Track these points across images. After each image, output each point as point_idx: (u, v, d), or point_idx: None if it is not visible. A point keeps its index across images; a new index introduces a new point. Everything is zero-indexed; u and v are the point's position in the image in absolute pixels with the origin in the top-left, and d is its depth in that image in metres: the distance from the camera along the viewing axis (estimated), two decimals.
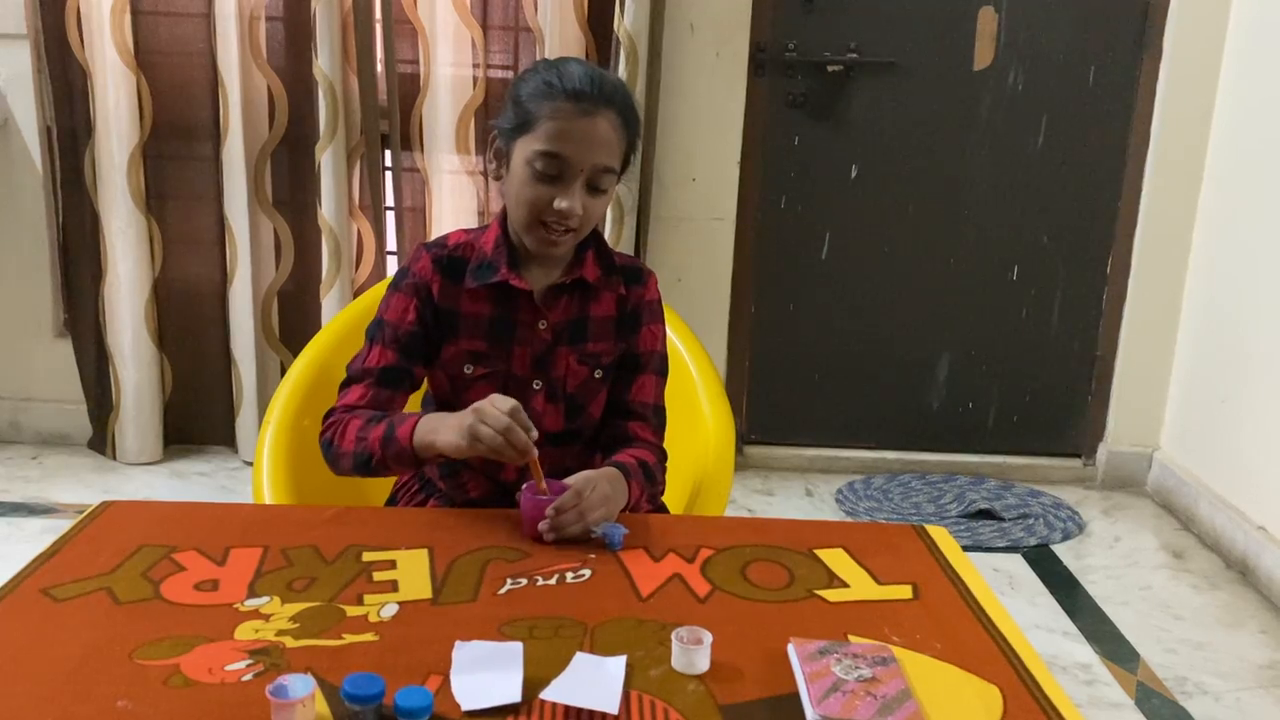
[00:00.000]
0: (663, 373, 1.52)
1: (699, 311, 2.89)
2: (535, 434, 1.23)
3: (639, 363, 1.49)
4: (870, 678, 0.98)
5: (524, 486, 1.27)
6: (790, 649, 1.01)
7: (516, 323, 1.41)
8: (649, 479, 1.42)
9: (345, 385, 1.43)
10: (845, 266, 3.07)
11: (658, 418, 1.51)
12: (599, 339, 1.45)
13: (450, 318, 1.41)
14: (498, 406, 1.23)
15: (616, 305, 1.47)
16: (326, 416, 1.42)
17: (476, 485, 1.46)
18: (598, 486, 1.27)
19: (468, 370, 1.42)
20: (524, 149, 1.34)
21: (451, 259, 1.42)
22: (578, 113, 1.31)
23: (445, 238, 1.45)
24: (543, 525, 1.23)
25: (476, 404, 1.24)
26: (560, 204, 1.32)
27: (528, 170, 1.33)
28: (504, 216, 1.42)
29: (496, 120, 1.40)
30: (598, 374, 1.46)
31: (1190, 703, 2.03)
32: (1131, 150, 2.97)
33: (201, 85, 2.80)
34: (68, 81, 2.76)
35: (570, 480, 1.27)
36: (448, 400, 1.45)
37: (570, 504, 1.24)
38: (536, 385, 1.43)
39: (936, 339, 3.12)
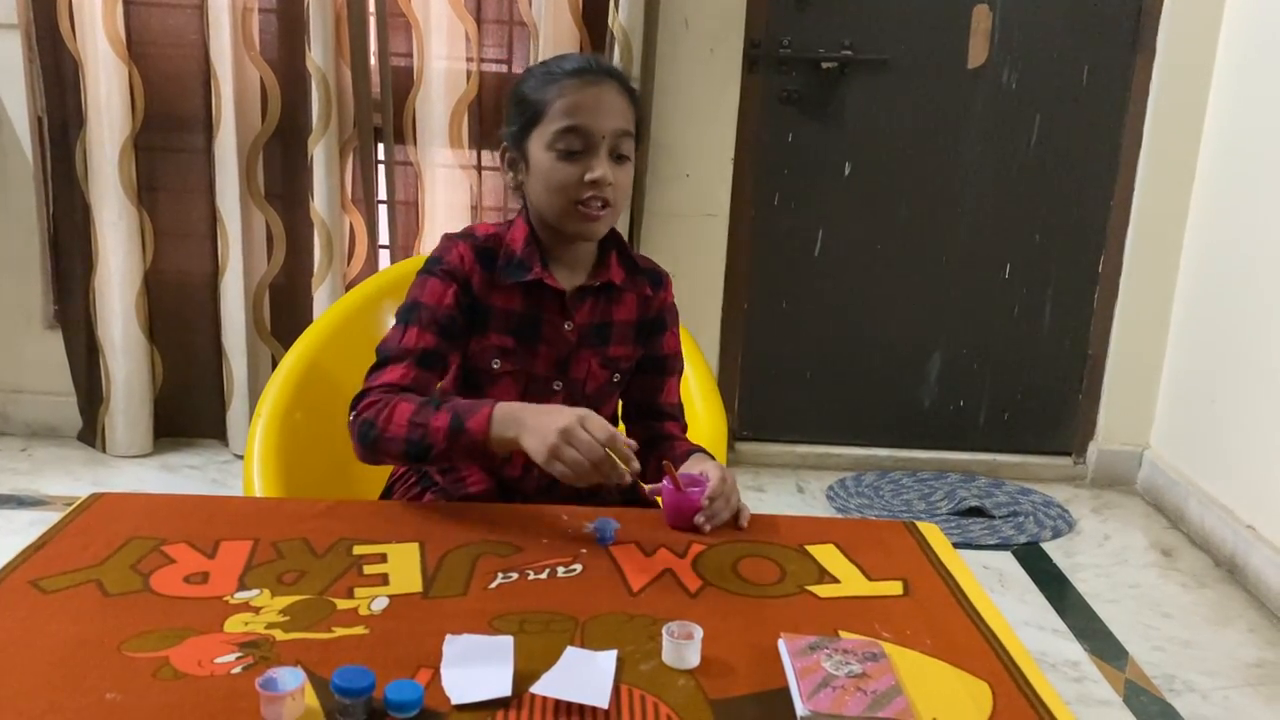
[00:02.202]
0: (681, 371, 1.56)
1: (691, 307, 2.86)
2: (635, 463, 1.20)
3: (666, 365, 1.52)
4: (860, 673, 0.98)
5: (663, 484, 1.29)
6: (780, 644, 1.01)
7: (544, 322, 1.41)
8: None
9: (379, 367, 1.35)
10: (838, 263, 3.07)
11: (684, 415, 1.56)
12: (620, 343, 1.46)
13: (484, 312, 1.40)
14: (592, 433, 1.17)
15: (638, 308, 1.47)
16: (360, 397, 1.33)
17: (476, 480, 1.45)
18: (730, 475, 1.33)
19: (495, 365, 1.40)
20: (541, 138, 1.35)
21: (486, 249, 1.40)
22: (584, 84, 1.34)
23: (472, 229, 1.43)
24: (699, 519, 1.27)
25: (566, 424, 1.18)
26: (591, 174, 1.32)
27: (550, 155, 1.34)
28: (527, 216, 1.42)
29: (503, 130, 1.41)
30: (615, 378, 1.47)
31: (1178, 700, 2.04)
32: (1124, 150, 2.98)
33: (194, 77, 2.79)
34: (59, 72, 2.75)
35: (697, 472, 1.32)
36: (466, 395, 1.42)
37: (719, 491, 1.29)
38: (557, 386, 1.43)
39: (928, 336, 3.13)
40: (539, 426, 1.20)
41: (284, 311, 2.94)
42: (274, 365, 2.80)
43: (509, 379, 1.41)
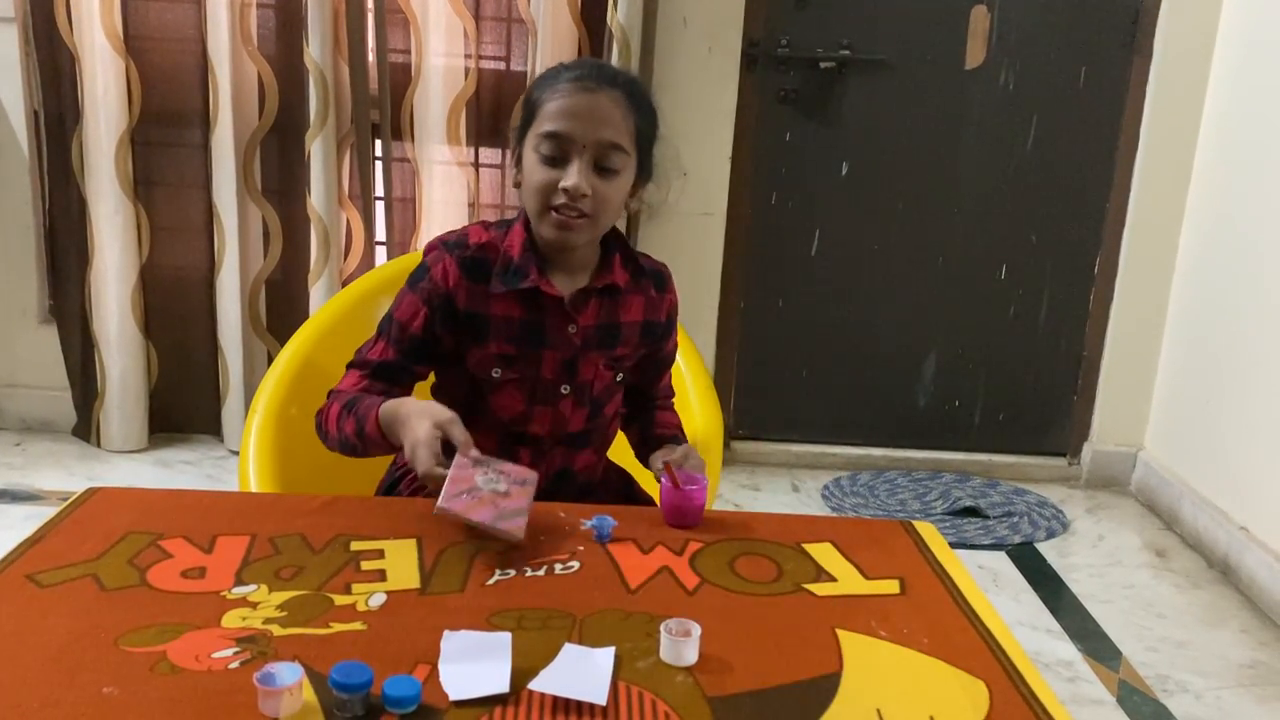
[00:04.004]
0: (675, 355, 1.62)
1: (688, 306, 2.84)
2: (529, 476, 1.25)
3: (666, 361, 1.56)
4: (504, 492, 1.16)
5: (662, 483, 1.32)
6: (457, 457, 1.20)
7: (547, 327, 1.39)
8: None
9: (349, 368, 1.44)
10: (834, 263, 3.07)
11: (671, 388, 1.62)
12: (626, 343, 1.46)
13: (479, 321, 1.38)
14: (420, 455, 1.23)
15: (645, 310, 1.47)
16: (328, 396, 1.43)
17: None
18: (697, 453, 1.44)
19: (495, 374, 1.39)
20: (531, 139, 1.35)
21: (475, 260, 1.38)
22: (577, 90, 1.32)
23: (465, 236, 1.41)
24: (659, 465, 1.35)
25: (415, 438, 1.25)
26: (565, 182, 1.31)
27: (534, 156, 1.33)
28: (526, 219, 1.40)
29: (514, 128, 1.41)
30: (619, 377, 1.47)
31: (1171, 700, 2.05)
32: (1120, 151, 2.98)
33: (191, 72, 2.78)
34: (56, 66, 2.74)
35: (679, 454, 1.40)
36: (468, 402, 1.42)
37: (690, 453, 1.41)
38: (564, 390, 1.42)
39: (924, 337, 3.13)
40: (402, 432, 1.28)
41: (280, 307, 2.93)
42: (270, 361, 2.79)
43: (512, 386, 1.40)
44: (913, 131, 2.98)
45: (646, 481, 1.58)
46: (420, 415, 1.26)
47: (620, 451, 1.59)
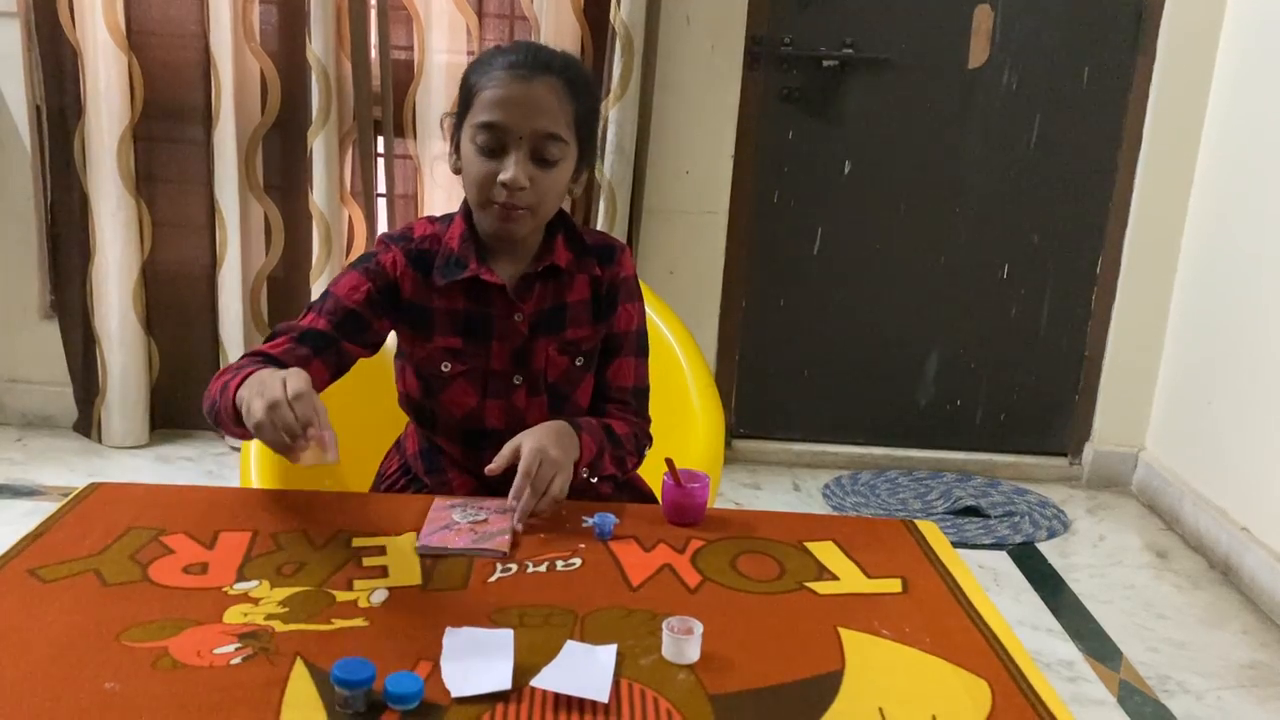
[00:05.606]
0: (642, 352, 1.49)
1: (690, 304, 2.89)
2: (322, 434, 1.07)
3: (616, 344, 1.46)
4: (483, 520, 1.21)
5: (664, 480, 1.29)
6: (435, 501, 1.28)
7: (492, 316, 1.37)
8: (612, 441, 1.40)
9: (273, 335, 1.36)
10: (836, 262, 3.07)
11: (637, 399, 1.49)
12: (577, 325, 1.42)
13: (423, 315, 1.37)
14: (266, 395, 1.08)
15: (591, 287, 1.42)
16: (237, 361, 1.33)
17: (462, 483, 1.44)
18: (544, 457, 1.25)
19: (445, 368, 1.38)
20: (468, 128, 1.33)
21: (419, 252, 1.37)
22: (513, 79, 1.29)
23: (409, 229, 1.40)
24: (515, 523, 1.23)
25: (269, 392, 1.09)
26: (503, 175, 1.29)
27: (472, 147, 1.32)
28: (467, 209, 1.39)
29: (452, 111, 1.39)
30: (579, 362, 1.42)
31: (1172, 701, 2.05)
32: (1123, 151, 2.98)
33: (193, 67, 2.78)
34: (58, 61, 2.74)
35: (519, 446, 1.26)
36: (422, 403, 1.42)
37: (522, 489, 1.23)
38: (517, 380, 1.40)
39: (926, 336, 3.13)
40: (258, 386, 1.11)
41: (282, 304, 2.93)
42: None
43: (463, 380, 1.38)
44: (915, 131, 2.98)
45: (647, 476, 1.57)
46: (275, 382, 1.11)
47: None
